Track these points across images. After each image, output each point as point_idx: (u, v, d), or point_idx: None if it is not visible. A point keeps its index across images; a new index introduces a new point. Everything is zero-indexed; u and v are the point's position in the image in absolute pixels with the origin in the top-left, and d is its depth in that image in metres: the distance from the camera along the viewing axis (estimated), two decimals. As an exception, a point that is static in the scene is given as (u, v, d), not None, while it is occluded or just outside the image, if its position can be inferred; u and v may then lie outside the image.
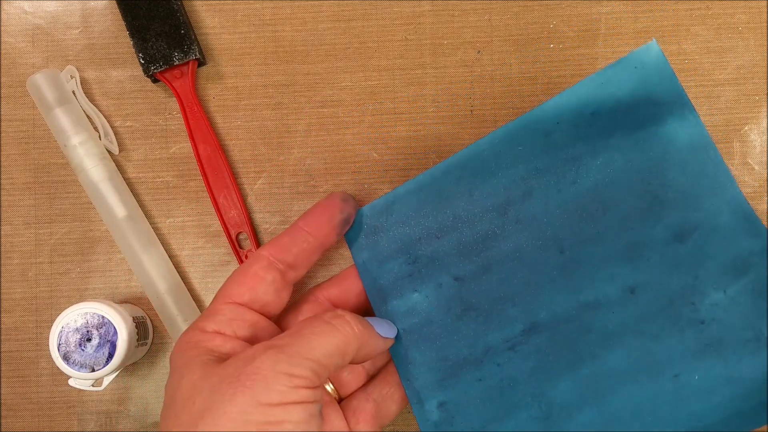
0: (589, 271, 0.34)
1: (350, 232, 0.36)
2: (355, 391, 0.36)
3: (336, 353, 0.30)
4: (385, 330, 0.34)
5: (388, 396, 0.35)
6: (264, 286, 0.33)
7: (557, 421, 0.33)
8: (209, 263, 0.42)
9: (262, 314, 0.34)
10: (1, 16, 0.43)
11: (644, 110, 0.33)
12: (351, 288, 0.37)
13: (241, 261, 0.42)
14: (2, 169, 0.43)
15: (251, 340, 0.32)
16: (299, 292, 0.42)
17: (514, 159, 0.34)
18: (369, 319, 0.34)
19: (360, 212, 0.37)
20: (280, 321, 0.36)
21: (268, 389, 0.27)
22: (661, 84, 0.32)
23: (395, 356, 0.35)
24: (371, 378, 0.37)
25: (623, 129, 0.33)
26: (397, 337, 0.35)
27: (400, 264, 0.36)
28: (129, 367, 0.42)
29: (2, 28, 0.43)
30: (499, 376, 0.34)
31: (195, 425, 0.27)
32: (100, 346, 0.38)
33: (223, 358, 0.30)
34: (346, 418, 0.34)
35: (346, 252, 0.42)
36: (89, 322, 0.38)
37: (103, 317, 0.38)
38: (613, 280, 0.34)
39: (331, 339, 0.29)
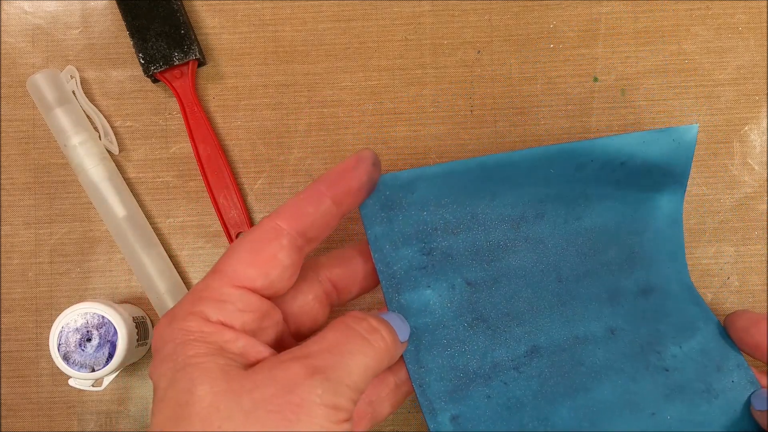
0: (580, 305, 0.36)
1: (366, 201, 0.32)
2: None
3: (371, 375, 0.27)
4: (403, 333, 0.30)
5: (385, 398, 0.32)
6: (281, 270, 0.27)
7: None
8: (209, 263, 0.42)
9: (270, 299, 0.29)
10: (1, 16, 0.43)
11: (656, 176, 0.36)
12: (357, 271, 0.33)
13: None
14: (2, 169, 0.43)
15: (258, 334, 0.28)
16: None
17: (543, 179, 0.35)
18: (385, 316, 0.30)
19: (381, 180, 0.32)
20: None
21: (314, 424, 0.24)
22: (680, 162, 0.36)
23: (407, 358, 0.34)
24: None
25: (633, 186, 0.37)
26: (411, 336, 0.34)
27: (414, 252, 0.34)
28: (129, 367, 0.42)
29: (2, 28, 0.43)
30: (506, 395, 0.34)
31: None
32: (100, 346, 0.38)
33: (239, 362, 0.25)
34: None
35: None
36: (89, 322, 0.38)
37: (103, 317, 0.38)
38: (598, 319, 0.36)
39: (369, 360, 0.26)
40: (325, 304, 0.32)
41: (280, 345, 0.30)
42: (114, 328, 0.38)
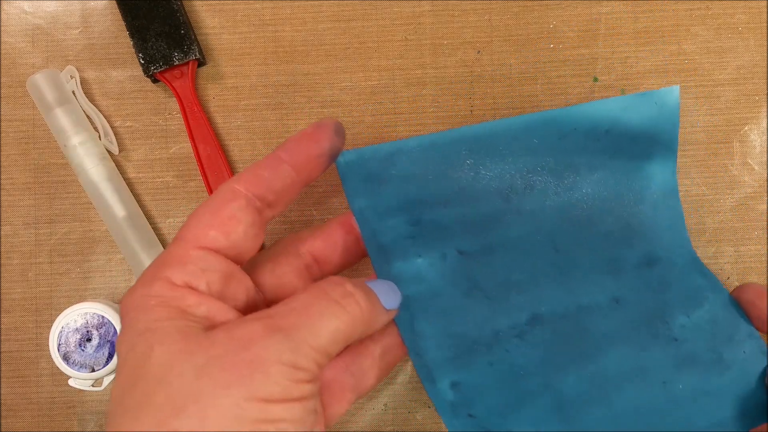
0: (581, 275, 0.35)
1: (348, 173, 0.32)
2: (332, 361, 0.31)
3: (342, 339, 0.26)
4: (390, 300, 0.29)
5: (368, 368, 0.31)
6: (242, 229, 0.27)
7: (569, 413, 0.33)
8: (209, 263, 0.42)
9: (236, 263, 0.28)
10: (1, 16, 0.43)
11: (644, 144, 0.35)
12: (337, 244, 0.32)
13: (241, 261, 0.42)
14: (2, 169, 0.43)
15: (225, 298, 0.27)
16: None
17: (525, 150, 0.34)
18: (371, 283, 0.29)
19: (360, 153, 0.32)
20: (253, 270, 0.31)
21: (269, 382, 0.23)
22: (666, 127, 0.35)
23: (401, 326, 0.33)
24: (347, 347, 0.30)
25: (622, 155, 0.36)
26: (403, 305, 0.32)
27: (401, 223, 0.33)
28: (129, 367, 0.42)
29: (2, 28, 0.43)
30: (509, 362, 0.33)
31: (174, 415, 0.22)
32: (100, 346, 0.38)
33: (203, 325, 0.25)
34: (321, 392, 0.29)
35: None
36: (89, 322, 0.38)
37: (103, 317, 0.38)
38: (601, 289, 0.35)
39: (339, 323, 0.26)
40: (305, 277, 0.31)
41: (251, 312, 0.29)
42: (114, 328, 0.38)
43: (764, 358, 0.34)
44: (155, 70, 0.42)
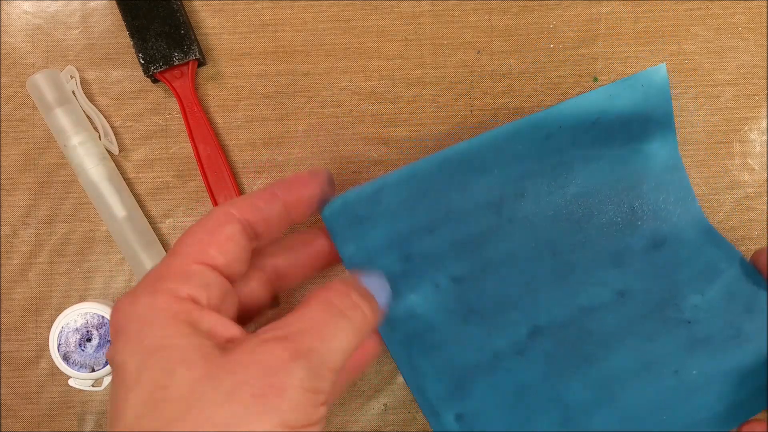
0: (581, 275, 0.35)
1: (334, 223, 0.32)
2: None
3: (350, 354, 0.26)
4: (383, 298, 0.29)
5: (341, 379, 0.31)
6: (237, 251, 0.27)
7: (578, 423, 0.33)
8: (209, 263, 0.42)
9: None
10: (1, 16, 0.43)
11: (637, 126, 0.35)
12: (300, 259, 0.32)
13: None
14: (2, 169, 0.43)
15: (222, 313, 0.27)
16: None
17: (512, 158, 0.34)
18: (366, 280, 0.30)
19: (344, 198, 0.32)
20: None
21: (296, 410, 0.23)
22: (658, 105, 0.34)
23: (401, 366, 0.33)
24: None
25: (616, 141, 0.35)
26: (401, 343, 0.33)
27: (392, 261, 0.33)
28: (129, 367, 0.42)
29: (2, 28, 0.43)
30: (512, 382, 0.33)
31: None
32: (100, 346, 0.38)
33: (213, 341, 0.24)
34: None
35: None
36: (89, 322, 0.38)
37: (103, 317, 0.38)
38: (603, 285, 0.34)
39: (350, 340, 0.26)
40: (268, 290, 0.32)
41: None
42: (114, 328, 0.38)
43: None
44: (155, 70, 0.42)
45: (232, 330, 0.26)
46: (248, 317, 0.31)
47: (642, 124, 0.35)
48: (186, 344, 0.24)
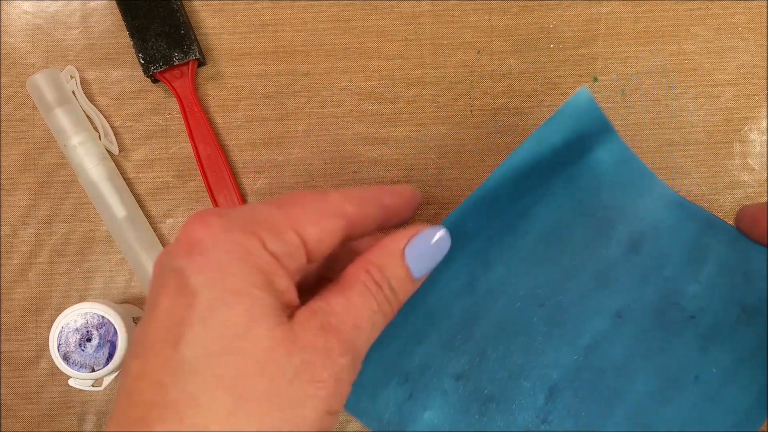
0: (573, 311, 0.33)
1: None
2: None
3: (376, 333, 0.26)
4: (422, 267, 0.28)
5: None
6: (331, 245, 0.26)
7: None
8: (209, 263, 0.42)
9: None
10: (1, 16, 0.43)
11: (576, 147, 0.33)
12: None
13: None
14: (2, 169, 0.43)
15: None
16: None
17: (465, 239, 0.33)
18: (409, 249, 0.27)
19: None
20: None
21: (336, 400, 0.24)
22: (591, 122, 0.32)
23: None
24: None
25: (559, 169, 0.33)
26: None
27: (394, 389, 0.33)
28: (129, 367, 0.42)
29: (2, 28, 0.43)
30: None
31: (272, 411, 0.22)
32: (100, 346, 0.38)
33: (281, 301, 0.24)
34: None
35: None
36: (89, 322, 0.38)
37: (103, 317, 0.38)
38: (598, 312, 0.33)
39: (377, 332, 0.26)
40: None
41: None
42: (114, 328, 0.38)
43: None
44: (155, 70, 0.42)
45: (296, 301, 0.25)
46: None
47: (581, 144, 0.33)
48: (266, 300, 0.23)
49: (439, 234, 0.28)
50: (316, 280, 0.30)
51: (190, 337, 0.22)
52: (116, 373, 0.39)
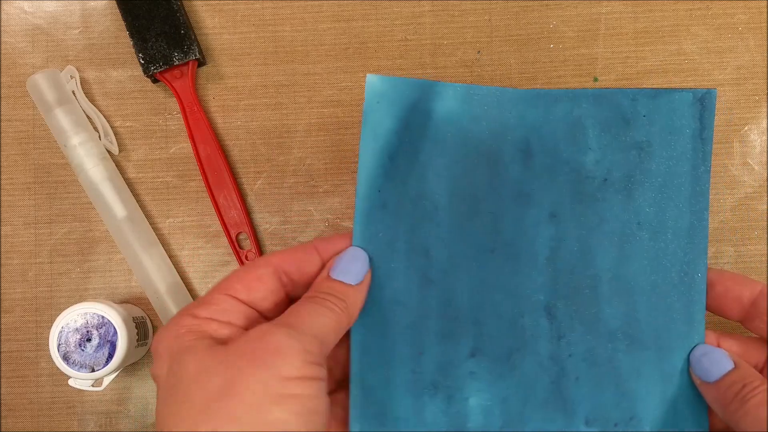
0: (520, 240, 0.36)
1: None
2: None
3: (333, 332, 0.30)
4: (353, 274, 0.33)
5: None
6: (264, 290, 0.32)
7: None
8: (209, 263, 0.42)
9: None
10: (1, 16, 0.43)
11: (416, 116, 0.36)
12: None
13: (241, 261, 0.42)
14: (2, 169, 0.43)
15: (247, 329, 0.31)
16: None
17: (386, 244, 0.36)
18: (336, 264, 0.33)
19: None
20: None
21: (287, 363, 0.27)
22: (406, 92, 0.36)
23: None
24: (339, 383, 0.35)
25: (419, 142, 0.36)
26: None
27: (432, 402, 0.35)
28: (129, 367, 0.42)
29: (2, 28, 0.43)
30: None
31: (215, 402, 0.26)
32: (100, 346, 0.38)
33: (225, 343, 0.29)
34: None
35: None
36: (89, 322, 0.38)
37: (103, 317, 0.38)
38: (537, 225, 0.35)
39: (329, 320, 0.30)
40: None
41: None
42: (114, 328, 0.38)
43: None
44: (155, 70, 0.42)
45: (240, 331, 0.30)
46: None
47: (416, 111, 0.36)
48: (198, 344, 0.29)
49: (349, 253, 0.34)
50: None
51: (158, 411, 0.28)
52: (116, 373, 0.39)
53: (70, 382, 0.39)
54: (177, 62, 0.41)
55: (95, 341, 0.38)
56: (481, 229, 0.36)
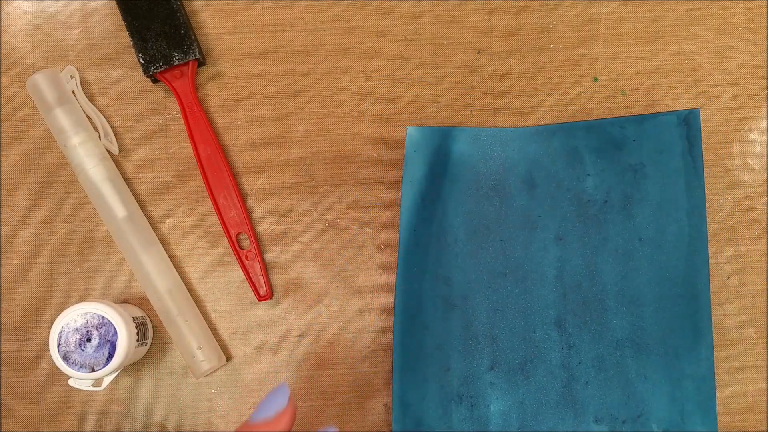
0: (529, 262, 0.41)
1: None
2: None
3: None
4: (273, 407, 0.33)
5: None
6: None
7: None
8: (209, 263, 0.42)
9: None
10: (1, 16, 0.43)
11: (437, 161, 0.41)
12: None
13: (241, 261, 0.42)
14: (2, 169, 0.43)
15: None
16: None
17: (419, 276, 0.42)
18: (255, 414, 0.32)
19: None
20: None
21: None
22: (431, 140, 0.41)
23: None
24: None
25: (439, 182, 0.42)
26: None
27: (458, 410, 0.40)
28: (129, 367, 0.42)
29: (2, 28, 0.43)
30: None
31: None
32: (100, 346, 0.38)
33: None
34: None
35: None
36: (89, 322, 0.38)
37: (103, 317, 0.38)
38: (544, 248, 0.41)
39: None
40: None
41: None
42: (114, 328, 0.38)
43: None
44: (155, 70, 0.42)
45: None
46: None
47: (438, 155, 0.41)
48: None
49: (270, 397, 0.33)
50: None
51: None
52: (116, 373, 0.39)
53: (70, 382, 0.39)
54: (177, 62, 0.41)
55: (95, 341, 0.38)
56: (493, 255, 0.40)
